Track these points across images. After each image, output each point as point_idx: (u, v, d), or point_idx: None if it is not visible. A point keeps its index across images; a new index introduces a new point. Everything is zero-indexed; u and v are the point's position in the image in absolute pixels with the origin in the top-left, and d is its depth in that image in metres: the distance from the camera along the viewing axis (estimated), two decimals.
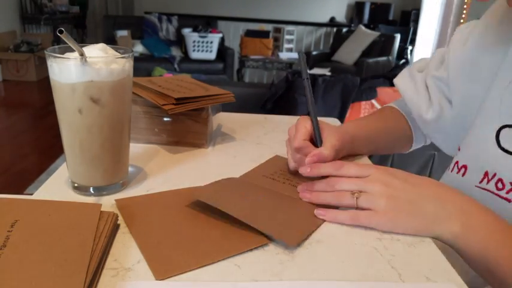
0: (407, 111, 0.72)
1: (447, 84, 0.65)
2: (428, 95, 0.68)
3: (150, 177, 0.56)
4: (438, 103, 0.66)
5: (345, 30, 5.63)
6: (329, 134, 0.56)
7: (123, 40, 4.62)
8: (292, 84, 2.22)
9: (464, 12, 3.73)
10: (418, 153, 1.99)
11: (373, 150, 0.69)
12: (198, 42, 4.77)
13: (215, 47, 4.84)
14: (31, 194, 0.49)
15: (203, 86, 0.70)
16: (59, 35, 0.41)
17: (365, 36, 5.05)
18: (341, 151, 0.58)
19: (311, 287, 0.37)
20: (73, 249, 0.37)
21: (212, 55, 4.85)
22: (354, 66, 4.83)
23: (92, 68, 0.45)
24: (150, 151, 0.65)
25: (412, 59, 4.60)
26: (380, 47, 4.82)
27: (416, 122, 0.71)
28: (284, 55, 5.09)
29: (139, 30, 4.89)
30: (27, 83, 4.47)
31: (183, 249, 0.40)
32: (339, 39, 5.37)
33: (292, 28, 6.02)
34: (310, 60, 5.20)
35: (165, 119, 0.66)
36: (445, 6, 3.99)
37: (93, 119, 0.47)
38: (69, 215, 0.42)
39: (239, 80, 4.87)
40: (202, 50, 4.80)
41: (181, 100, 0.61)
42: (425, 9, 4.37)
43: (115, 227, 0.43)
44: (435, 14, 4.13)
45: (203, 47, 4.80)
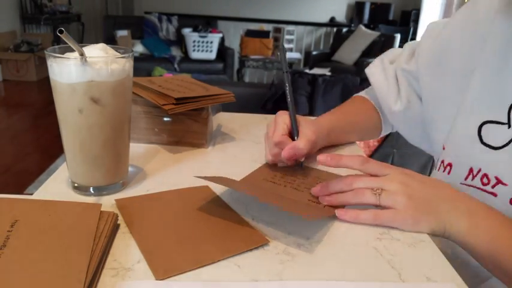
0: (376, 101, 0.75)
1: (416, 77, 0.67)
2: (398, 87, 0.70)
3: (150, 177, 0.56)
4: (406, 96, 0.69)
5: (345, 30, 5.63)
6: (305, 128, 0.59)
7: (123, 40, 4.62)
8: (292, 84, 2.22)
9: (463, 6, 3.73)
10: (418, 154, 1.99)
11: (347, 140, 0.72)
12: (198, 42, 4.77)
13: (215, 47, 4.84)
14: (31, 194, 0.49)
15: (203, 86, 0.70)
16: (59, 35, 0.41)
17: (365, 36, 5.05)
18: (317, 143, 0.61)
19: (311, 287, 0.37)
20: (73, 249, 0.37)
21: (212, 55, 4.85)
22: (354, 66, 4.83)
23: (92, 68, 0.45)
24: (150, 151, 0.65)
25: None
26: (380, 47, 4.81)
27: (384, 111, 0.74)
28: None
29: (139, 30, 4.89)
30: (27, 83, 4.47)
31: (183, 249, 0.40)
32: (339, 39, 5.37)
33: (292, 28, 6.02)
34: (310, 60, 5.21)
35: (165, 119, 0.66)
36: (445, 6, 3.99)
37: (93, 119, 0.47)
38: (69, 215, 0.42)
39: (239, 80, 4.87)
40: (202, 50, 4.80)
41: (181, 100, 0.61)
42: (425, 9, 4.37)
43: (115, 227, 0.43)
44: (435, 14, 4.13)
45: (203, 47, 4.80)
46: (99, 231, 0.40)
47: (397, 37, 4.87)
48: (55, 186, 0.52)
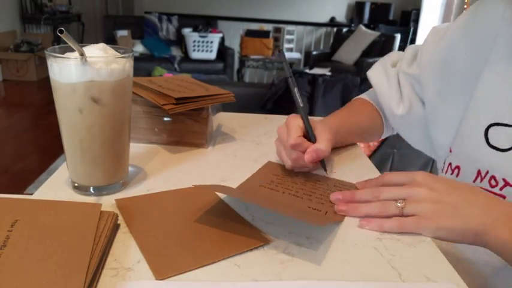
0: (378, 104, 0.75)
1: (419, 81, 0.67)
2: (400, 91, 0.70)
3: (150, 177, 0.56)
4: (408, 100, 0.68)
5: (345, 30, 5.63)
6: (321, 129, 0.58)
7: (123, 40, 4.62)
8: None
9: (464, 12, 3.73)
10: (418, 154, 1.99)
11: (350, 142, 0.72)
12: (198, 42, 4.77)
13: (215, 47, 4.84)
14: (31, 194, 0.49)
15: (203, 85, 0.70)
16: (59, 34, 0.41)
17: (365, 36, 5.05)
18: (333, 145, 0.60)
19: (311, 287, 0.37)
20: (73, 249, 0.37)
21: (212, 55, 4.85)
22: (354, 66, 4.83)
23: (92, 68, 0.45)
24: (150, 151, 0.65)
25: None
26: (380, 47, 4.81)
27: (386, 114, 0.74)
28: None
29: (139, 30, 4.89)
30: (27, 83, 4.47)
31: (183, 249, 0.40)
32: (339, 39, 5.37)
33: (292, 28, 6.01)
34: (310, 60, 5.21)
35: (165, 119, 0.66)
36: (445, 6, 4.00)
37: (93, 119, 0.47)
38: (69, 215, 0.42)
39: (239, 80, 4.87)
40: (203, 50, 4.80)
41: (181, 100, 0.61)
42: (425, 9, 4.37)
43: (115, 227, 0.43)
44: (435, 14, 4.13)
45: (203, 46, 4.80)
46: (99, 231, 0.40)
47: (397, 37, 4.87)
48: (55, 186, 0.52)
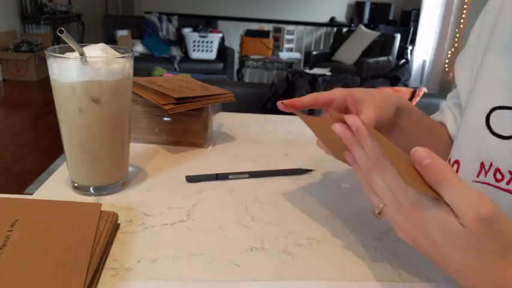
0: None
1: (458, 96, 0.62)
2: (453, 116, 0.64)
3: (150, 177, 0.56)
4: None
5: (345, 30, 5.63)
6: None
7: (123, 40, 4.62)
8: (292, 84, 2.22)
9: (464, 12, 3.73)
10: None
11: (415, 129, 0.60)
12: (198, 42, 4.77)
13: (215, 46, 4.84)
14: (31, 194, 0.49)
15: (203, 85, 0.70)
16: (59, 34, 0.41)
17: (365, 36, 5.05)
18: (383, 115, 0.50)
19: (311, 287, 0.37)
20: (73, 249, 0.37)
21: (212, 55, 4.84)
22: (354, 66, 4.83)
23: (92, 68, 0.45)
24: (150, 151, 0.65)
25: (412, 59, 4.60)
26: (380, 47, 4.81)
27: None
28: (284, 55, 5.08)
29: (139, 30, 4.89)
30: (27, 83, 4.47)
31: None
32: (339, 39, 5.37)
33: (292, 28, 6.01)
34: (310, 60, 5.21)
35: (165, 119, 0.66)
36: (445, 6, 3.99)
37: (93, 119, 0.47)
38: (69, 215, 0.42)
39: (239, 80, 4.87)
40: (203, 50, 4.80)
41: (181, 100, 0.61)
42: (425, 9, 4.36)
43: (115, 227, 0.43)
44: (435, 14, 4.13)
45: (203, 46, 4.80)
46: (99, 231, 0.40)
47: (397, 37, 4.87)
48: (55, 186, 0.52)
